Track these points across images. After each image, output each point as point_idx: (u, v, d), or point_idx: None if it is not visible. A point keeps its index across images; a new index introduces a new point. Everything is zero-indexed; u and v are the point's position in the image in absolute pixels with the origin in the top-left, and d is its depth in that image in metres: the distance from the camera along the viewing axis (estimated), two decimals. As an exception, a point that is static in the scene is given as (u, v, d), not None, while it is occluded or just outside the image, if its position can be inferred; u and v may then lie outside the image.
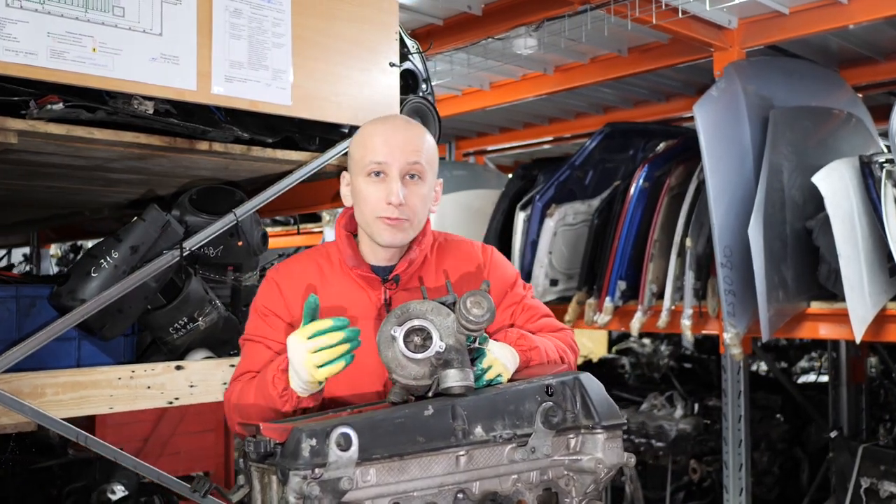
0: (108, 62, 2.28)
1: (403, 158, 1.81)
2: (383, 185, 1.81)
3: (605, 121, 6.54)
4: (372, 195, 1.82)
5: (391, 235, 1.83)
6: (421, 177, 1.84)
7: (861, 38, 4.98)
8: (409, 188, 1.82)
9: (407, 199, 1.81)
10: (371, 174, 1.81)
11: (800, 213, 4.33)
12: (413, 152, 1.83)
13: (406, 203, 1.80)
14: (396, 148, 1.81)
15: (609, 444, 1.66)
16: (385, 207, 1.80)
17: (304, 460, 1.38)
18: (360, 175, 1.84)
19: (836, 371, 5.54)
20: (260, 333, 1.89)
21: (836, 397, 5.50)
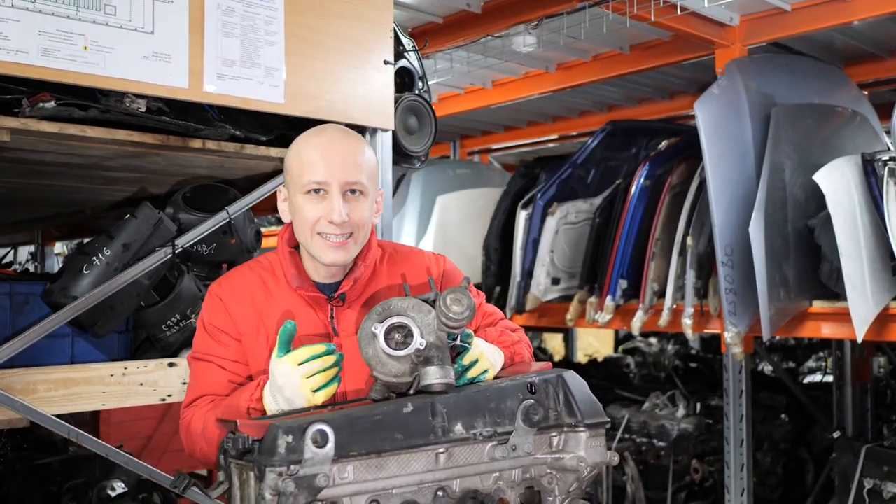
0: (100, 60, 2.29)
1: (343, 176, 1.75)
2: (323, 202, 1.75)
3: (608, 119, 6.53)
4: (311, 213, 1.75)
5: (333, 255, 1.78)
6: (362, 192, 1.78)
7: (866, 34, 4.94)
8: (350, 204, 1.76)
9: (350, 214, 1.75)
10: (310, 192, 1.76)
11: (801, 212, 4.30)
12: (353, 169, 1.76)
13: (349, 220, 1.76)
14: (335, 165, 1.75)
15: (592, 443, 1.66)
16: (326, 225, 1.75)
17: (279, 457, 1.38)
18: (297, 192, 1.78)
19: (840, 371, 5.50)
20: (210, 352, 1.85)
21: (841, 397, 5.47)
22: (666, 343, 8.75)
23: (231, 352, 1.83)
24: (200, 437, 1.76)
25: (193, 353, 1.89)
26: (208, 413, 1.77)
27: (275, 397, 1.64)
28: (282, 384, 1.61)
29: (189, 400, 1.86)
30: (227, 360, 1.83)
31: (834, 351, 5.70)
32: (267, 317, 1.83)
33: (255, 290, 1.85)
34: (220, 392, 1.81)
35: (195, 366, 1.88)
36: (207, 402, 1.81)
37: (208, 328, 1.86)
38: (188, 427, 1.81)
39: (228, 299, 1.85)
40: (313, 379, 1.61)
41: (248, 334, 1.83)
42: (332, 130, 1.84)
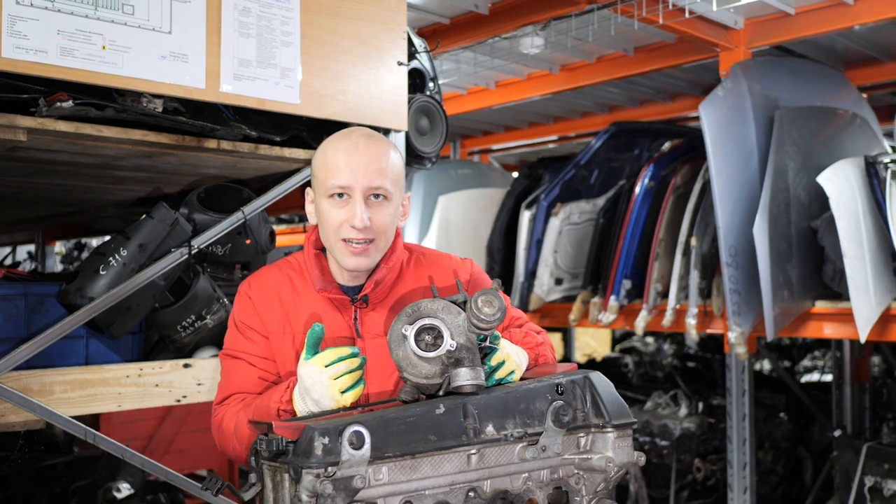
0: (118, 60, 2.29)
1: (367, 181, 1.75)
2: (346, 207, 1.77)
3: (610, 120, 6.55)
4: (335, 217, 1.77)
5: (355, 261, 1.79)
6: (386, 196, 1.79)
7: (867, 38, 4.97)
8: (373, 209, 1.77)
9: (372, 220, 1.76)
10: (334, 196, 1.77)
11: (805, 213, 4.33)
12: (376, 174, 1.77)
13: (371, 225, 1.76)
14: (359, 170, 1.76)
15: (619, 443, 1.66)
16: (348, 230, 1.76)
17: (316, 458, 1.38)
18: (322, 196, 1.79)
19: (839, 370, 5.53)
20: (241, 349, 1.87)
21: (840, 396, 5.50)
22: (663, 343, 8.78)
23: (260, 349, 1.84)
24: (233, 436, 1.78)
25: (225, 350, 1.91)
26: (240, 412, 1.78)
27: (303, 399, 1.65)
28: (309, 386, 1.62)
29: (221, 398, 1.88)
30: (257, 357, 1.84)
31: (833, 351, 5.73)
32: (294, 316, 1.85)
33: (283, 290, 1.86)
34: (251, 389, 1.83)
35: (226, 363, 1.90)
36: (238, 401, 1.82)
37: (239, 326, 1.87)
38: (220, 425, 1.83)
39: (257, 298, 1.87)
40: (341, 380, 1.62)
41: (275, 332, 1.84)
42: (358, 135, 1.84)
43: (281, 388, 1.72)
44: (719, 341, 7.69)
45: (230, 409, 1.82)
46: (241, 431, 1.77)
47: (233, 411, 1.81)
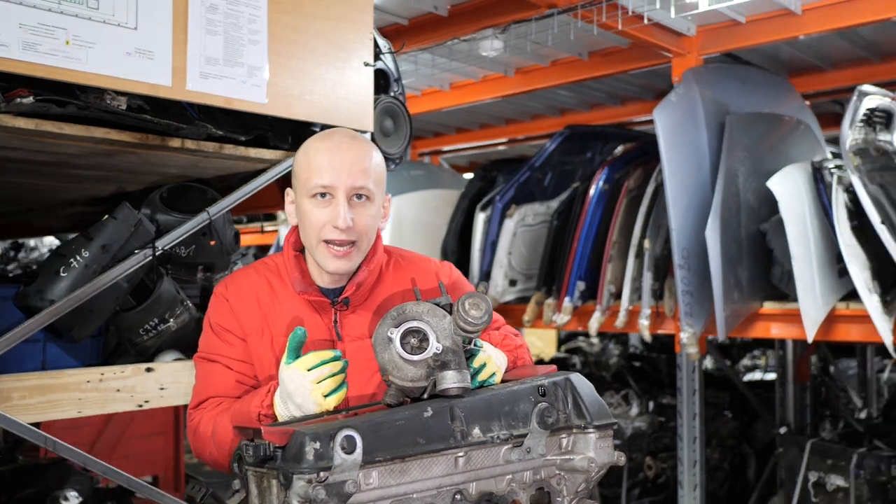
0: (82, 55, 2.23)
1: (350, 181, 1.74)
2: (329, 207, 1.75)
3: (561, 123, 6.62)
4: (317, 218, 1.75)
5: (336, 264, 1.78)
6: (368, 197, 1.78)
7: (811, 47, 5.13)
8: (356, 210, 1.76)
9: (355, 220, 1.75)
10: (316, 196, 1.76)
11: (754, 217, 4.45)
12: (360, 174, 1.75)
13: (354, 226, 1.75)
14: (342, 170, 1.74)
15: (601, 444, 1.68)
16: (331, 230, 1.75)
17: (308, 463, 1.36)
18: (304, 196, 1.77)
19: (782, 369, 5.69)
20: (217, 352, 1.83)
21: (783, 394, 5.65)
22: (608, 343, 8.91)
23: (237, 351, 1.82)
24: (210, 441, 1.74)
25: (200, 352, 1.87)
26: (218, 416, 1.74)
27: (285, 403, 1.62)
28: (292, 390, 1.60)
29: (196, 401, 1.84)
30: (234, 360, 1.81)
31: (777, 350, 5.89)
32: (272, 319, 1.82)
33: (261, 292, 1.84)
34: (228, 393, 1.79)
35: (202, 365, 1.86)
36: (215, 405, 1.79)
37: (215, 328, 1.84)
38: (196, 430, 1.79)
39: (234, 300, 1.83)
40: (324, 384, 1.60)
41: (253, 335, 1.82)
42: (341, 135, 1.83)
43: (261, 392, 1.69)
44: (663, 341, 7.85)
45: (207, 413, 1.79)
46: (218, 436, 1.73)
47: (210, 415, 1.77)
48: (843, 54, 5.24)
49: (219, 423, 1.73)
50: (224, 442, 1.71)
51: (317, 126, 2.98)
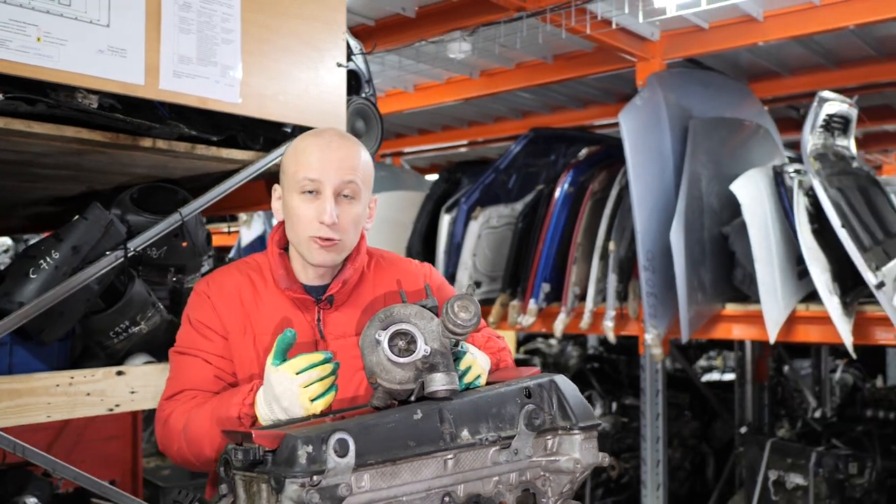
0: (54, 53, 2.17)
1: (338, 177, 1.74)
2: (316, 203, 1.74)
3: (523, 126, 6.67)
4: (304, 213, 1.75)
5: (322, 256, 1.77)
6: (355, 196, 1.78)
7: (770, 53, 5.24)
8: (342, 207, 1.76)
9: (340, 218, 1.75)
10: (304, 192, 1.75)
11: (717, 220, 4.53)
12: (348, 171, 1.76)
13: (339, 223, 1.75)
14: (331, 166, 1.74)
15: (585, 445, 1.69)
16: (317, 227, 1.74)
17: (301, 467, 1.35)
18: (292, 191, 1.77)
19: (741, 370, 5.80)
20: (196, 346, 1.80)
21: (742, 395, 5.76)
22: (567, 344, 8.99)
23: (217, 347, 1.79)
24: (180, 435, 1.70)
25: (176, 347, 1.83)
26: (192, 411, 1.70)
27: (270, 406, 1.60)
28: (279, 393, 1.58)
29: (170, 393, 1.79)
30: (213, 356, 1.78)
31: (736, 351, 6.00)
32: (255, 317, 1.80)
33: (244, 290, 1.82)
34: (205, 387, 1.76)
35: (178, 360, 1.82)
36: (190, 398, 1.75)
37: (194, 324, 1.81)
38: (166, 421, 1.74)
39: (216, 297, 1.81)
40: (312, 388, 1.58)
41: (235, 333, 1.79)
42: (332, 133, 1.83)
43: (243, 391, 1.67)
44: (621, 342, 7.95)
45: (180, 406, 1.74)
46: (190, 431, 1.69)
47: (183, 409, 1.73)
48: (801, 61, 5.36)
49: (192, 418, 1.69)
50: (196, 438, 1.67)
51: (288, 126, 2.96)
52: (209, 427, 1.66)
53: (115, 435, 5.63)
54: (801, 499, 4.44)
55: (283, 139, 2.95)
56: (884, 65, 5.29)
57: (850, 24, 4.29)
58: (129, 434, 5.62)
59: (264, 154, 2.85)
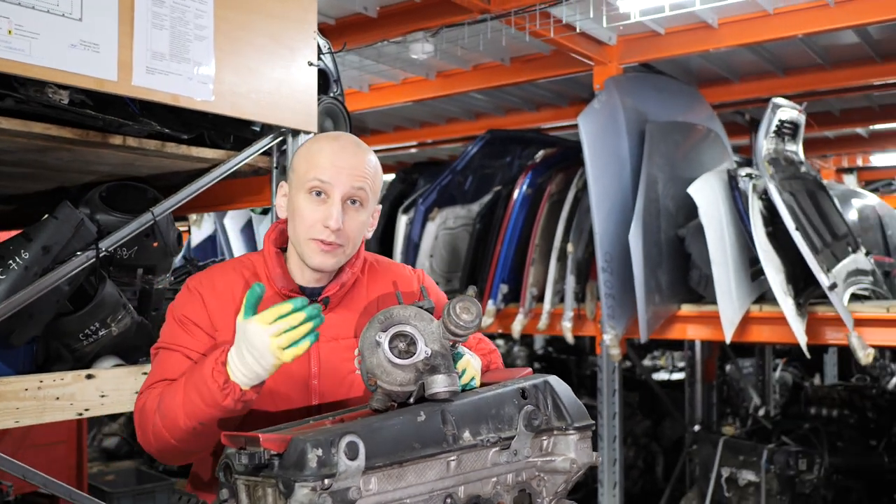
0: (25, 46, 2.10)
1: (348, 182, 1.74)
2: (323, 206, 1.73)
3: (476, 127, 6.70)
4: (309, 214, 1.74)
5: (321, 259, 1.76)
6: (362, 203, 1.78)
7: (721, 59, 5.36)
8: (348, 214, 1.75)
9: (345, 224, 1.74)
10: (312, 192, 1.74)
11: (672, 222, 4.61)
12: (359, 177, 1.75)
13: (343, 229, 1.74)
14: (343, 170, 1.74)
15: (580, 445, 1.71)
16: (321, 229, 1.73)
17: (311, 471, 1.33)
18: (300, 190, 1.75)
19: (691, 369, 5.92)
20: (179, 342, 1.77)
21: (692, 394, 5.88)
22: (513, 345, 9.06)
23: (200, 344, 1.75)
24: (154, 414, 1.65)
25: (160, 343, 1.79)
26: (168, 389, 1.66)
27: (242, 357, 1.56)
28: (251, 343, 1.55)
29: (146, 385, 1.75)
30: (195, 352, 1.74)
31: (686, 351, 6.12)
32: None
33: (237, 289, 1.79)
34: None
35: (160, 355, 1.78)
36: (166, 385, 1.71)
37: (180, 319, 1.77)
38: (143, 407, 1.70)
39: (208, 295, 1.78)
40: (283, 337, 1.54)
41: (225, 331, 1.75)
42: (348, 139, 1.81)
43: (215, 352, 1.62)
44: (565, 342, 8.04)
45: (154, 391, 1.71)
46: (164, 405, 1.65)
47: (156, 392, 1.70)
48: (751, 67, 5.50)
49: (165, 393, 1.66)
50: (169, 410, 1.62)
51: (257, 125, 2.92)
52: (182, 395, 1.62)
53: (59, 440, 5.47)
54: (753, 495, 4.56)
55: (253, 138, 2.91)
56: (827, 73, 5.47)
57: (800, 33, 4.42)
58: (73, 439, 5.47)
59: (235, 153, 2.80)
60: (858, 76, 5.38)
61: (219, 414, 1.59)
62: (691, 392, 5.90)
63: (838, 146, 8.15)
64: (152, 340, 2.41)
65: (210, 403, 1.58)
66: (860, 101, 6.53)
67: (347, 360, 1.83)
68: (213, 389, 1.57)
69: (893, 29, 4.66)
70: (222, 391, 1.57)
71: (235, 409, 1.59)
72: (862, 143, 8.01)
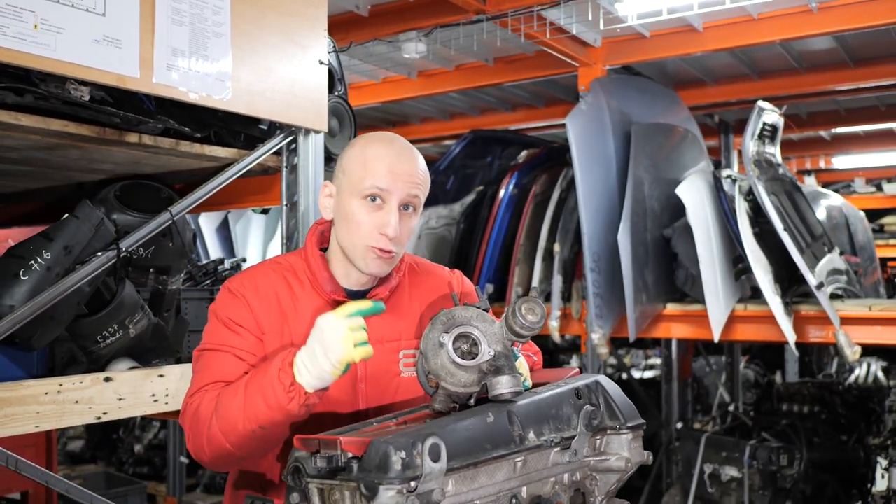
0: (51, 41, 2.05)
1: (405, 190, 1.72)
2: (380, 213, 1.71)
3: (450, 127, 6.71)
4: (366, 222, 1.72)
5: (378, 266, 1.75)
6: (416, 209, 1.77)
7: (698, 62, 5.46)
8: (402, 220, 1.74)
9: (401, 230, 1.74)
10: (368, 198, 1.71)
11: (658, 222, 4.68)
12: (415, 185, 1.74)
13: (399, 235, 1.73)
14: (401, 178, 1.72)
15: (633, 444, 1.73)
16: (378, 237, 1.71)
17: (396, 473, 1.32)
18: (354, 196, 1.72)
19: (668, 367, 6.01)
20: (227, 343, 1.72)
21: (669, 392, 5.97)
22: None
23: (250, 345, 1.72)
24: (211, 417, 1.59)
25: (203, 345, 1.74)
26: (227, 390, 1.61)
27: (312, 352, 1.53)
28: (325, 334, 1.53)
29: (196, 388, 1.69)
30: (246, 352, 1.71)
31: (663, 349, 6.21)
32: (293, 319, 1.75)
33: (281, 291, 1.76)
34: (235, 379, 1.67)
35: (206, 357, 1.72)
36: (220, 387, 1.65)
37: (224, 321, 1.73)
38: (196, 413, 1.63)
39: (252, 297, 1.74)
40: (358, 333, 1.54)
41: (272, 333, 1.73)
42: (401, 144, 1.78)
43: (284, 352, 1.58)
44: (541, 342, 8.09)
45: (209, 395, 1.64)
46: (221, 407, 1.59)
47: (212, 395, 1.64)
48: (727, 70, 5.60)
49: (224, 395, 1.60)
50: (227, 413, 1.57)
51: (264, 123, 2.89)
52: (244, 398, 1.57)
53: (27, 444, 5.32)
54: (736, 490, 4.65)
55: (261, 137, 2.88)
56: (800, 77, 5.60)
57: (781, 38, 4.52)
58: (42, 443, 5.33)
59: (245, 152, 2.77)
60: (831, 80, 5.52)
61: (281, 418, 1.56)
62: (668, 389, 5.99)
63: (801, 148, 8.36)
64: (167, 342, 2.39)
65: (274, 406, 1.55)
66: (827, 104, 6.71)
67: (393, 364, 1.82)
68: (278, 392, 1.54)
69: (868, 35, 4.79)
70: (287, 393, 1.54)
71: (299, 415, 1.56)
72: (825, 145, 8.23)
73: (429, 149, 7.78)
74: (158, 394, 2.45)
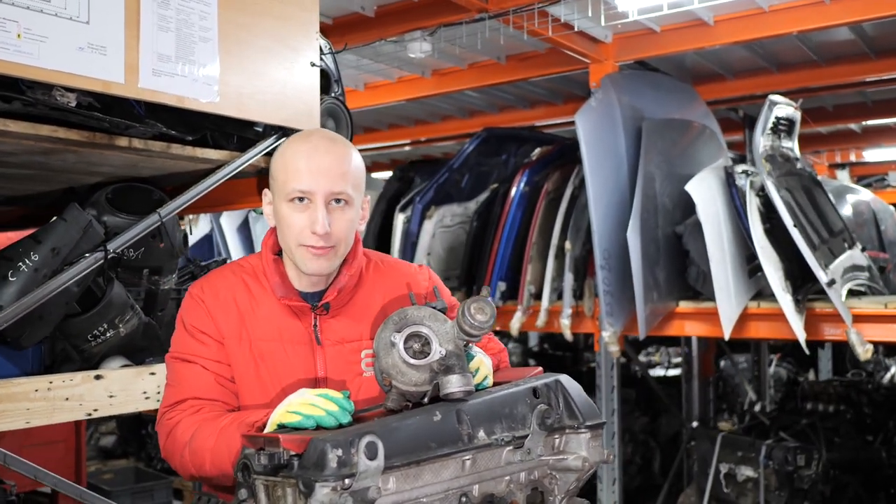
0: (34, 50, 2.11)
1: (328, 186, 1.70)
2: (307, 212, 1.71)
3: (471, 125, 6.71)
4: (295, 222, 1.72)
5: (316, 265, 1.75)
6: (347, 202, 1.74)
7: (716, 56, 5.39)
8: (333, 214, 1.72)
9: (332, 226, 1.71)
10: (294, 200, 1.72)
11: (669, 219, 4.64)
12: (338, 178, 1.71)
13: (331, 231, 1.72)
14: (321, 174, 1.70)
15: (592, 443, 1.73)
16: (309, 236, 1.71)
17: (331, 471, 1.34)
18: (282, 200, 1.73)
19: (688, 365, 5.95)
20: (193, 352, 1.77)
21: (689, 390, 5.91)
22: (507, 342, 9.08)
23: (213, 352, 1.76)
24: (185, 447, 1.66)
25: (173, 353, 1.80)
26: (202, 424, 1.67)
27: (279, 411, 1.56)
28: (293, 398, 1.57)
29: (173, 401, 1.75)
30: (211, 361, 1.75)
31: (683, 347, 6.15)
32: (251, 323, 1.78)
33: (239, 295, 1.79)
34: (207, 394, 1.74)
35: (176, 366, 1.78)
36: (195, 409, 1.72)
37: (189, 329, 1.78)
38: (171, 431, 1.70)
39: (211, 301, 1.78)
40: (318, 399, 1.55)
41: (231, 338, 1.77)
42: (319, 138, 1.78)
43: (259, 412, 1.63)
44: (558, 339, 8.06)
45: (186, 417, 1.71)
46: (195, 443, 1.66)
47: (189, 421, 1.70)
48: (745, 64, 5.53)
49: (199, 432, 1.66)
50: (199, 451, 1.64)
51: (259, 126, 2.93)
52: (214, 443, 1.63)
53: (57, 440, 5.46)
54: (752, 491, 4.59)
55: (256, 139, 2.92)
56: (821, 69, 5.51)
57: (795, 30, 4.45)
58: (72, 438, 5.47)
59: (238, 154, 2.81)
60: (852, 72, 5.42)
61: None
62: (688, 388, 5.93)
63: (831, 142, 8.20)
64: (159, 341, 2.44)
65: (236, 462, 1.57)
66: (853, 97, 6.58)
67: (355, 363, 1.83)
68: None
69: (888, 25, 4.70)
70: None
71: None
72: (855, 138, 8.06)
73: (451, 147, 7.79)
74: (150, 391, 2.51)
